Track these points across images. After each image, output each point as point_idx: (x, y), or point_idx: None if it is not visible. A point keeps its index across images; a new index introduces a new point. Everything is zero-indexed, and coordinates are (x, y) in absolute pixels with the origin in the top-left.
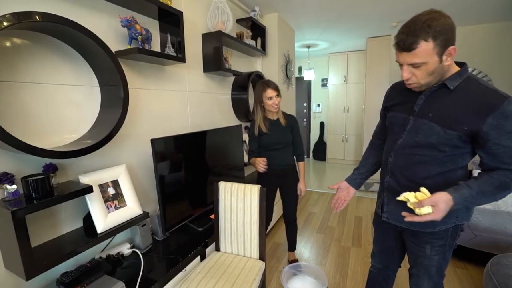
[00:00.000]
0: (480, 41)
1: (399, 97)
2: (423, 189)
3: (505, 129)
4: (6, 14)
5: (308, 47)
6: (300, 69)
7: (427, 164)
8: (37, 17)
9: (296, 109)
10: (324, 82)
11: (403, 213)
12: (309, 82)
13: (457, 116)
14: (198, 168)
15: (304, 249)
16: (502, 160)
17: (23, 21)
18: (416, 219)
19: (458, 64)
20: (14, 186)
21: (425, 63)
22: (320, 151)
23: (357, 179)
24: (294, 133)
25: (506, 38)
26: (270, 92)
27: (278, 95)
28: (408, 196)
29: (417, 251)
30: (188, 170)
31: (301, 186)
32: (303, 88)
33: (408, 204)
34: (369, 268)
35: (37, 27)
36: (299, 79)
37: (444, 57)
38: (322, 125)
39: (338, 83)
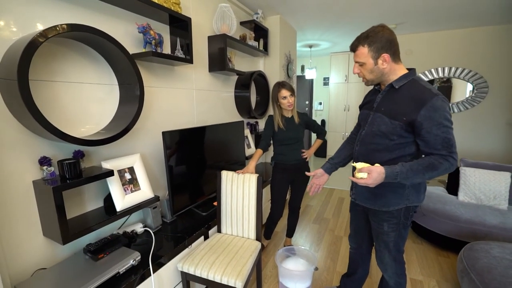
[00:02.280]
0: (478, 44)
1: (368, 98)
2: (376, 164)
3: (435, 120)
4: (53, 26)
5: (310, 46)
6: (302, 68)
7: (380, 152)
8: (70, 28)
9: (298, 107)
10: (325, 81)
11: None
12: (311, 80)
13: (399, 109)
14: (202, 159)
15: (300, 237)
16: (434, 146)
17: (60, 33)
18: (353, 179)
19: (409, 69)
20: (52, 168)
21: (365, 63)
22: (321, 148)
23: (331, 167)
24: (311, 124)
25: (505, 41)
26: (284, 92)
27: (292, 94)
28: (357, 164)
29: (377, 229)
30: (193, 161)
31: (308, 151)
32: (305, 87)
33: (355, 170)
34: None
35: (69, 35)
36: (301, 78)
37: (379, 61)
38: (323, 123)
39: (339, 82)
